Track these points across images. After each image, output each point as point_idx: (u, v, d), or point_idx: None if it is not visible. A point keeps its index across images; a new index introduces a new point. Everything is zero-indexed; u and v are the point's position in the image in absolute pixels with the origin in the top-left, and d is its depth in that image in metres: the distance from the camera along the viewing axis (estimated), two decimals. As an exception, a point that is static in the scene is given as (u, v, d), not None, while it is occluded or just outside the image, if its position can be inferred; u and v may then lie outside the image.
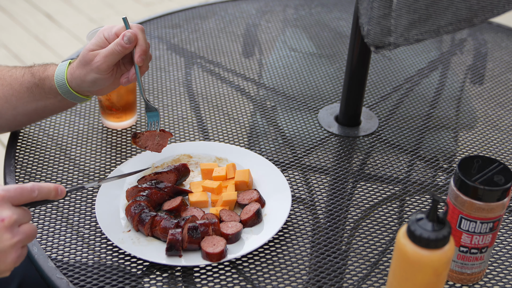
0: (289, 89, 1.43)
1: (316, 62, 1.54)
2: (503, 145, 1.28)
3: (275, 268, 0.98)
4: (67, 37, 3.39)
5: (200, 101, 1.38)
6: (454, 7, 0.94)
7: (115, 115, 1.26)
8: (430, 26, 0.96)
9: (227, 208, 1.06)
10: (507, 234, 1.06)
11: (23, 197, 0.83)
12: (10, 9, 3.63)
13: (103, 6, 3.71)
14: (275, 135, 1.29)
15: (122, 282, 0.95)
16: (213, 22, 1.69)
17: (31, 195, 0.84)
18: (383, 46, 0.97)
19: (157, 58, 1.52)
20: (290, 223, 1.06)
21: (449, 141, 1.30)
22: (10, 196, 0.81)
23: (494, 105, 1.41)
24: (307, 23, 1.71)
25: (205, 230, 0.98)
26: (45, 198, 0.86)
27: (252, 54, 1.57)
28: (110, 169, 1.17)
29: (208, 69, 1.50)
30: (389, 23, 0.94)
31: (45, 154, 1.20)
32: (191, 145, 1.20)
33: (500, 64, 1.56)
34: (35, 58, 3.17)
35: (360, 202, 1.12)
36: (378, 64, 1.54)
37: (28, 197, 0.83)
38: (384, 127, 1.32)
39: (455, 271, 0.94)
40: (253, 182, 1.12)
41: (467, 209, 0.87)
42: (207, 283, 0.95)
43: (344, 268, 0.99)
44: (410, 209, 1.12)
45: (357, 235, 1.05)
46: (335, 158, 1.23)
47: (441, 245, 0.77)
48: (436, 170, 1.22)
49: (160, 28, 1.65)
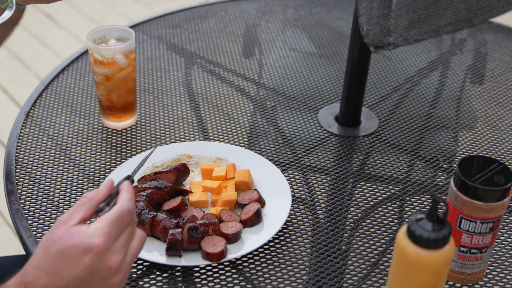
0: (289, 89, 1.43)
1: (316, 62, 1.54)
2: (503, 145, 1.28)
3: (275, 268, 0.98)
4: (67, 37, 3.39)
5: (200, 101, 1.38)
6: (453, 7, 0.94)
7: (115, 115, 1.26)
8: (430, 26, 0.96)
9: (227, 208, 1.06)
10: (507, 234, 1.06)
11: (124, 225, 0.78)
12: (10, 9, 3.63)
13: (103, 6, 3.71)
14: (275, 135, 1.29)
15: (122, 282, 0.95)
16: (213, 22, 1.69)
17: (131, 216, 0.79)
18: (382, 46, 0.97)
19: (157, 58, 1.52)
20: (290, 223, 1.06)
21: (449, 141, 1.30)
22: (112, 236, 0.76)
23: (494, 105, 1.41)
24: (307, 23, 1.71)
25: (205, 230, 0.98)
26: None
27: (252, 54, 1.57)
28: (110, 169, 1.17)
29: (208, 69, 1.50)
30: (388, 23, 0.94)
31: (45, 154, 1.20)
32: (191, 145, 1.20)
33: (500, 64, 1.56)
34: (35, 58, 3.17)
35: (360, 202, 1.12)
36: (378, 64, 1.54)
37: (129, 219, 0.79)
38: (384, 127, 1.32)
39: (455, 271, 0.94)
40: (253, 182, 1.12)
41: (467, 209, 0.87)
42: (207, 283, 0.95)
43: (344, 268, 0.99)
44: (410, 209, 1.12)
45: (357, 235, 1.05)
46: (335, 158, 1.23)
47: (441, 245, 0.77)
48: (436, 170, 1.22)
49: (160, 28, 1.65)
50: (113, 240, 0.76)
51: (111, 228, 0.76)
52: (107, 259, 0.75)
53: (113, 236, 0.76)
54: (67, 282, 0.74)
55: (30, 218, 1.05)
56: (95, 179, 1.15)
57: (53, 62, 3.09)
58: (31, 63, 3.13)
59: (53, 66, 2.75)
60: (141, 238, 0.80)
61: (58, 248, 0.74)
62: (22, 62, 3.13)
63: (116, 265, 0.75)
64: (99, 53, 1.19)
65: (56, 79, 1.43)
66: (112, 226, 0.76)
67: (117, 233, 0.77)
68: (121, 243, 0.77)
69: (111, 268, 0.75)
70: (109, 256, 0.75)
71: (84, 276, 0.74)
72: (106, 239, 0.75)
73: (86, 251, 0.74)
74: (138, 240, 0.80)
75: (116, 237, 0.77)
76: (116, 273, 0.76)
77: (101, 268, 0.75)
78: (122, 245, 0.77)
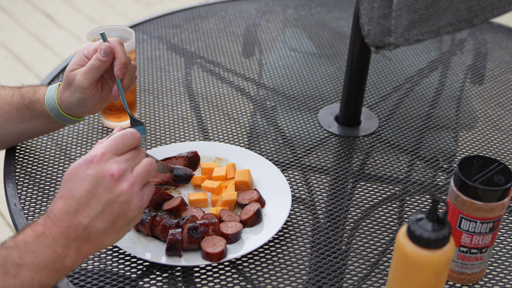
0: (289, 89, 1.43)
1: (316, 62, 1.54)
2: (503, 145, 1.28)
3: (275, 268, 0.98)
4: (67, 37, 3.39)
5: (200, 101, 1.38)
6: (454, 7, 0.94)
7: (115, 115, 1.26)
8: (430, 27, 0.96)
9: (227, 208, 1.06)
10: (507, 234, 1.06)
11: (126, 144, 0.82)
12: (10, 9, 3.63)
13: (103, 6, 3.71)
14: (275, 135, 1.29)
15: (122, 282, 0.95)
16: (213, 22, 1.69)
17: (135, 139, 0.83)
18: (383, 46, 0.97)
19: (157, 58, 1.52)
20: (290, 223, 1.06)
21: (449, 141, 1.30)
22: (112, 149, 0.80)
23: (494, 105, 1.41)
24: (307, 23, 1.71)
25: (205, 230, 0.98)
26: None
27: (252, 54, 1.57)
28: (110, 169, 1.17)
29: (208, 69, 1.50)
30: (389, 23, 0.94)
31: (45, 154, 1.20)
32: (191, 145, 1.20)
33: (500, 64, 1.56)
34: (35, 58, 3.17)
35: (360, 202, 1.12)
36: (378, 64, 1.54)
37: (133, 141, 0.83)
38: (384, 127, 1.32)
39: (455, 271, 0.94)
40: (253, 182, 1.12)
41: (467, 209, 0.87)
42: (207, 283, 0.95)
43: (344, 268, 0.99)
44: (410, 209, 1.12)
45: (357, 235, 1.05)
46: (335, 158, 1.23)
47: (441, 245, 0.77)
48: (436, 170, 1.22)
49: (160, 28, 1.65)
50: (113, 153, 0.80)
51: (111, 143, 0.81)
52: (108, 167, 0.79)
53: (113, 150, 0.80)
54: (79, 198, 0.78)
55: (30, 218, 1.05)
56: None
57: (53, 62, 3.09)
58: (31, 63, 3.13)
59: (53, 66, 2.75)
60: (147, 163, 0.83)
61: (68, 173, 0.81)
62: (22, 62, 3.13)
63: (118, 172, 0.79)
64: (99, 53, 1.19)
65: (56, 79, 1.43)
66: (112, 142, 0.81)
67: (118, 149, 0.81)
68: (123, 158, 0.81)
69: (114, 175, 0.79)
70: (109, 165, 0.79)
71: (91, 189, 0.78)
72: (105, 151, 0.80)
73: (88, 163, 0.79)
74: (144, 163, 0.83)
75: (117, 153, 0.81)
76: (120, 181, 0.79)
77: (103, 175, 0.79)
78: (125, 159, 0.81)
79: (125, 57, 1.04)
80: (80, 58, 1.05)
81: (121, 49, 1.03)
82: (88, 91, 1.04)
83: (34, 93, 1.09)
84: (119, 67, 1.03)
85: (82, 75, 1.03)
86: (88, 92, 1.04)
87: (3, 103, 1.09)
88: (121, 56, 1.03)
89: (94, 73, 1.03)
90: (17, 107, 1.08)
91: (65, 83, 1.05)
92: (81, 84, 1.03)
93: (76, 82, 1.03)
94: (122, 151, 0.82)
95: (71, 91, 1.05)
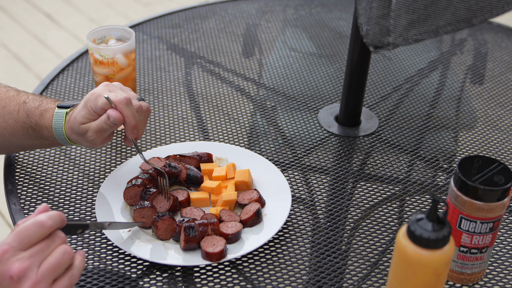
0: (289, 89, 1.43)
1: (316, 62, 1.54)
2: (503, 145, 1.28)
3: (275, 268, 0.98)
4: (67, 37, 3.39)
5: (200, 101, 1.38)
6: (453, 7, 0.94)
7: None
8: (429, 26, 0.96)
9: (227, 208, 1.06)
10: (507, 234, 1.06)
11: (32, 237, 0.76)
12: (10, 9, 3.63)
13: (103, 6, 3.71)
14: (275, 135, 1.29)
15: (122, 282, 0.95)
16: (213, 22, 1.69)
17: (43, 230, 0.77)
18: (382, 46, 0.97)
19: (157, 58, 1.52)
20: (290, 223, 1.06)
21: (449, 141, 1.30)
22: (15, 245, 0.75)
23: (494, 105, 1.41)
24: (307, 23, 1.71)
25: (203, 230, 0.98)
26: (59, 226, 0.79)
27: (252, 54, 1.57)
28: (110, 169, 1.17)
29: (208, 69, 1.50)
30: (388, 23, 0.94)
31: (45, 154, 1.20)
32: (191, 145, 1.20)
33: (500, 64, 1.56)
34: (35, 58, 3.17)
35: (360, 202, 1.12)
36: (378, 64, 1.54)
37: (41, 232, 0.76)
38: (384, 127, 1.32)
39: (455, 271, 0.94)
40: (253, 182, 1.12)
41: (467, 209, 0.87)
42: (207, 283, 0.95)
43: (344, 268, 0.99)
44: (410, 209, 1.12)
45: (357, 235, 1.05)
46: (335, 158, 1.23)
47: (441, 245, 0.77)
48: (436, 170, 1.22)
49: (160, 28, 1.65)
50: (16, 250, 0.75)
51: (14, 238, 0.75)
52: (8, 267, 0.74)
53: (16, 246, 0.75)
54: None
55: (30, 218, 1.06)
56: (95, 179, 1.15)
57: (53, 62, 3.09)
58: (31, 63, 3.13)
59: (53, 66, 2.75)
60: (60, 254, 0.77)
61: None
62: (22, 62, 3.13)
63: (18, 273, 0.74)
64: (99, 53, 1.19)
65: (56, 79, 1.43)
66: (15, 237, 0.75)
67: (22, 244, 0.75)
68: (28, 254, 0.75)
69: (12, 277, 0.74)
70: (9, 265, 0.74)
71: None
72: (7, 248, 0.74)
73: None
74: (56, 255, 0.77)
75: (22, 248, 0.75)
76: (22, 282, 0.74)
77: (2, 277, 0.74)
78: (30, 255, 0.75)
79: (134, 119, 1.01)
80: (89, 113, 1.01)
81: (130, 111, 1.00)
82: (100, 144, 1.04)
83: (40, 116, 1.05)
84: (130, 130, 1.01)
85: (94, 133, 1.01)
86: (98, 144, 1.04)
87: (8, 117, 1.07)
88: (131, 120, 1.00)
89: (106, 132, 1.02)
90: (23, 125, 1.06)
91: (75, 132, 1.02)
92: (94, 141, 1.02)
93: (89, 138, 1.02)
94: (27, 245, 0.76)
95: (81, 139, 1.03)
